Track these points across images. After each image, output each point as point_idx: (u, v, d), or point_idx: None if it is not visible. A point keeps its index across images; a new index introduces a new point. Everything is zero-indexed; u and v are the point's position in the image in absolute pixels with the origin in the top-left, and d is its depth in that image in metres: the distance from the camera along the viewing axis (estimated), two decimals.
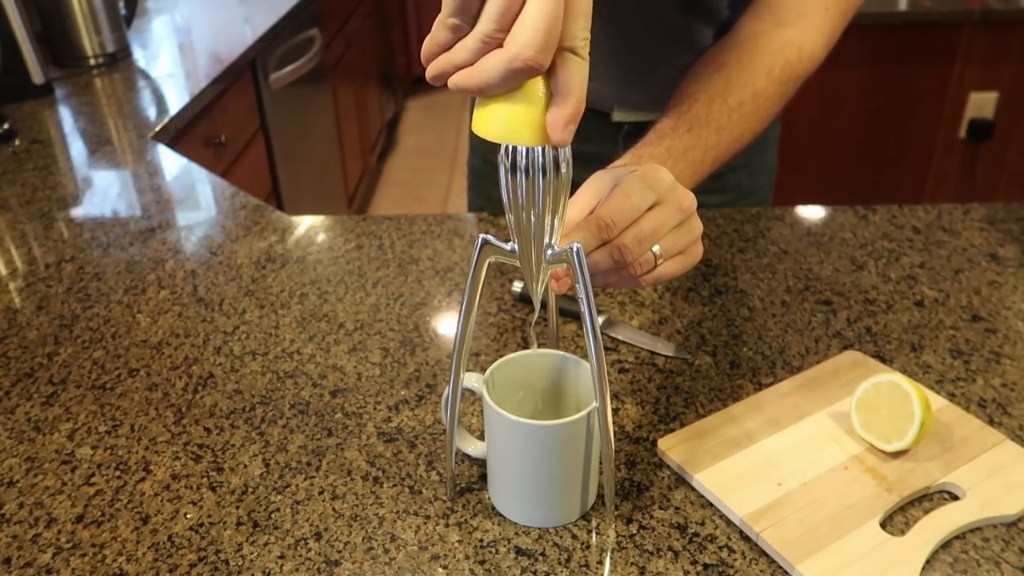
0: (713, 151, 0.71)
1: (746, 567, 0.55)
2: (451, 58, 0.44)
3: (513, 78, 0.42)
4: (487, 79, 0.42)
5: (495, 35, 0.42)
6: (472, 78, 0.43)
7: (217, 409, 0.70)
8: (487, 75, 0.42)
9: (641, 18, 0.88)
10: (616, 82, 0.93)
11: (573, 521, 0.58)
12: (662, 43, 0.89)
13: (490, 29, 0.41)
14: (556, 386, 0.61)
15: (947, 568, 0.54)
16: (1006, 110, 2.21)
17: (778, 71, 0.76)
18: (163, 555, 0.57)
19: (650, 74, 0.92)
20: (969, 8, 2.09)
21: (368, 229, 0.98)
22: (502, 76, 0.42)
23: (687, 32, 0.88)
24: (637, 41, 0.90)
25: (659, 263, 0.56)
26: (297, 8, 2.13)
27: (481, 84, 0.43)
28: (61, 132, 1.36)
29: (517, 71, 0.42)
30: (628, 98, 0.95)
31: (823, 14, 0.78)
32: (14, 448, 0.67)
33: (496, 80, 0.42)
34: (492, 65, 0.42)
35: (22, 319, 0.84)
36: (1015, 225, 0.95)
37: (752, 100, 0.74)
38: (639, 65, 0.92)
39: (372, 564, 0.56)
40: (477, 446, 0.61)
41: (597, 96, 0.85)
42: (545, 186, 0.47)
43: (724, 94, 0.73)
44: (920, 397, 0.61)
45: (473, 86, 0.43)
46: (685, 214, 0.57)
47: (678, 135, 0.70)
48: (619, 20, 0.88)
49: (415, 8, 3.98)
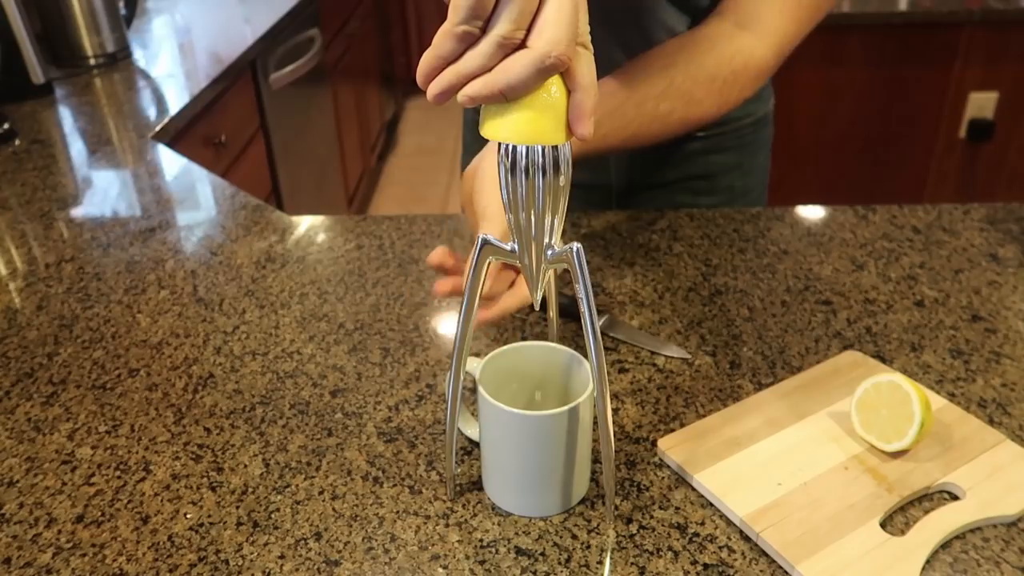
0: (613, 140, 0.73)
1: (746, 567, 0.55)
2: (461, 69, 0.42)
3: (541, 77, 0.42)
4: (512, 82, 0.41)
5: (515, 36, 0.41)
6: (492, 84, 0.42)
7: (217, 409, 0.70)
8: (513, 77, 0.41)
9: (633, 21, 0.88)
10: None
11: (565, 511, 0.58)
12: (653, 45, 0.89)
13: (509, 30, 0.41)
14: (550, 378, 0.61)
15: (947, 568, 0.54)
16: (1006, 110, 2.21)
17: (720, 83, 0.77)
18: (163, 555, 0.57)
19: None
20: (969, 8, 2.09)
21: (368, 229, 0.98)
22: (531, 76, 0.41)
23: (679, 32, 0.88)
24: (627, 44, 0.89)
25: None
26: (297, 8, 2.13)
27: (504, 88, 0.42)
28: (61, 132, 1.36)
29: (548, 69, 0.41)
30: None
31: (777, 19, 0.78)
32: (14, 448, 0.67)
33: (525, 81, 0.41)
34: (519, 66, 0.41)
35: (22, 319, 0.84)
36: (1015, 225, 0.95)
37: (684, 109, 0.76)
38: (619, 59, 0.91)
39: (372, 564, 0.56)
40: (477, 430, 0.62)
41: None
42: (545, 186, 0.47)
43: (659, 98, 0.75)
44: (920, 397, 0.61)
45: (493, 92, 0.42)
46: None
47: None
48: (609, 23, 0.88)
49: (415, 8, 3.98)
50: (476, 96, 0.43)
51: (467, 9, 0.40)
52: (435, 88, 0.44)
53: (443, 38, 0.42)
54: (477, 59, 0.42)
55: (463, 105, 0.44)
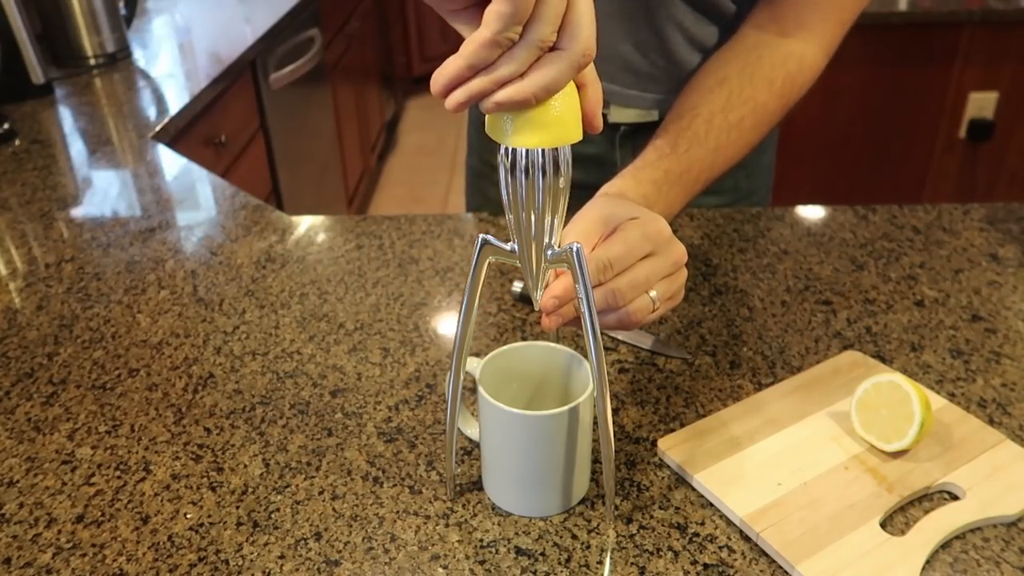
0: (707, 172, 0.74)
1: (746, 567, 0.55)
2: (496, 76, 0.42)
3: (573, 76, 0.43)
4: (549, 84, 0.42)
5: (551, 39, 0.42)
6: (526, 88, 0.42)
7: (217, 409, 0.70)
8: (549, 80, 0.42)
9: (644, 16, 0.88)
10: (613, 82, 0.93)
11: (565, 511, 0.58)
12: (665, 42, 0.89)
13: (547, 33, 0.41)
14: (550, 378, 0.61)
15: (947, 568, 0.54)
16: (1006, 110, 2.21)
17: (779, 84, 0.77)
18: (163, 555, 0.57)
19: (650, 74, 0.91)
20: (969, 8, 2.09)
21: (368, 229, 0.98)
22: (567, 77, 0.42)
23: (692, 31, 0.88)
24: (639, 40, 0.90)
25: (656, 307, 0.59)
26: (297, 8, 2.13)
27: (538, 91, 0.42)
28: (61, 132, 1.36)
29: (581, 67, 0.43)
30: (626, 98, 0.94)
31: (823, 25, 0.78)
32: (14, 448, 0.67)
33: (559, 82, 0.42)
34: (554, 68, 0.42)
35: (22, 319, 0.84)
36: (1015, 225, 0.95)
37: (753, 115, 0.76)
38: (639, 65, 0.91)
39: (372, 564, 0.56)
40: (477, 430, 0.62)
41: None
42: (545, 186, 0.47)
43: (725, 110, 0.75)
44: (920, 397, 0.61)
45: (526, 96, 0.42)
46: (676, 266, 0.60)
47: (677, 156, 0.72)
48: (621, 18, 0.88)
49: (415, 8, 3.98)
50: (507, 102, 0.43)
51: (511, 16, 0.40)
52: (460, 96, 0.43)
53: (479, 47, 0.41)
54: (513, 64, 0.42)
55: (487, 112, 0.44)
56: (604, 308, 0.58)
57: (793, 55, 0.77)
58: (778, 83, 0.77)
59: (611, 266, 0.57)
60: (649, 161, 0.71)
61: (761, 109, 0.76)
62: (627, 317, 0.58)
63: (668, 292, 0.60)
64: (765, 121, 0.77)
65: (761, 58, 0.77)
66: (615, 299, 0.57)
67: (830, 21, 0.78)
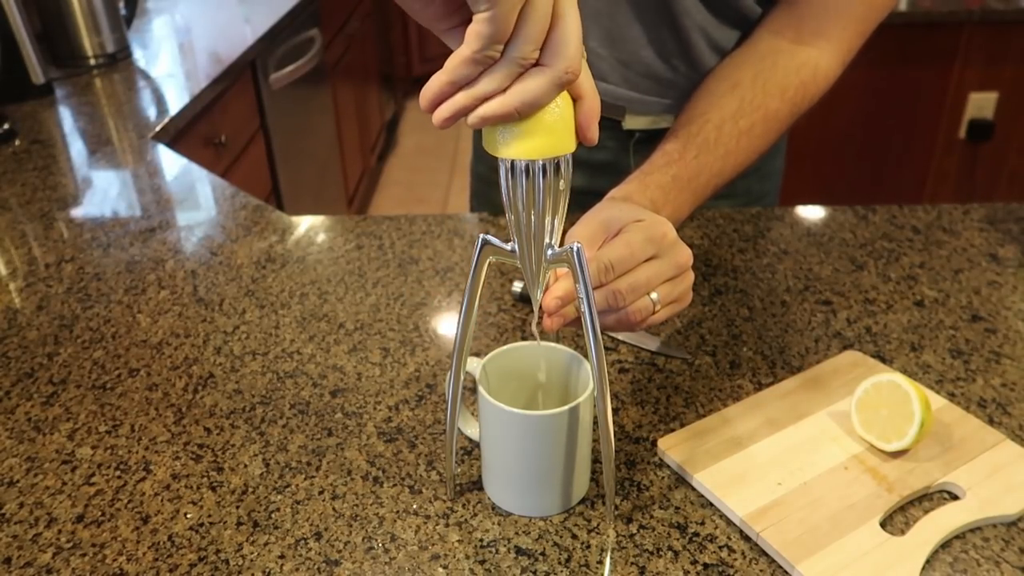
0: (717, 178, 0.73)
1: (746, 567, 0.55)
2: (477, 92, 0.43)
3: (557, 93, 0.44)
4: (530, 99, 0.43)
5: (533, 57, 0.42)
6: (508, 103, 0.43)
7: (217, 409, 0.70)
8: (531, 95, 0.43)
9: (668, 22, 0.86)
10: (634, 89, 0.91)
11: (565, 511, 0.58)
12: (689, 49, 0.87)
13: (528, 51, 0.42)
14: (550, 378, 0.62)
15: (947, 568, 0.54)
16: (1006, 110, 2.21)
17: (792, 92, 0.76)
18: (163, 555, 0.57)
19: (670, 80, 0.90)
20: (969, 8, 2.09)
21: (368, 229, 0.98)
22: (549, 94, 0.43)
23: (714, 36, 0.86)
24: (662, 47, 0.88)
25: (657, 310, 0.59)
26: (297, 8, 2.13)
27: (520, 106, 0.43)
28: (61, 132, 1.36)
29: (564, 84, 0.43)
30: (645, 104, 0.93)
31: (842, 33, 0.78)
32: (14, 448, 0.67)
33: (542, 99, 0.43)
34: (536, 85, 0.43)
35: (22, 319, 0.84)
36: (1015, 225, 0.95)
37: (763, 122, 0.75)
38: (660, 71, 0.90)
39: (372, 564, 0.56)
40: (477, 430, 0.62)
41: (608, 105, 0.84)
42: (545, 187, 0.48)
43: (736, 117, 0.74)
44: (920, 397, 0.61)
45: (509, 111, 0.43)
46: (681, 269, 0.60)
47: (685, 162, 0.71)
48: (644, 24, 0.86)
49: None
50: (490, 116, 0.44)
51: (491, 37, 0.41)
52: (446, 112, 0.44)
53: (461, 64, 0.42)
54: (494, 81, 0.43)
55: (472, 127, 0.45)
56: (604, 309, 0.58)
57: (808, 63, 0.77)
58: (791, 91, 0.76)
59: (612, 267, 0.57)
60: (657, 166, 0.71)
61: (772, 116, 0.76)
62: (627, 318, 0.58)
63: (672, 295, 0.60)
64: (775, 128, 0.77)
65: (775, 64, 0.77)
66: (615, 300, 0.57)
67: (849, 31, 0.78)
